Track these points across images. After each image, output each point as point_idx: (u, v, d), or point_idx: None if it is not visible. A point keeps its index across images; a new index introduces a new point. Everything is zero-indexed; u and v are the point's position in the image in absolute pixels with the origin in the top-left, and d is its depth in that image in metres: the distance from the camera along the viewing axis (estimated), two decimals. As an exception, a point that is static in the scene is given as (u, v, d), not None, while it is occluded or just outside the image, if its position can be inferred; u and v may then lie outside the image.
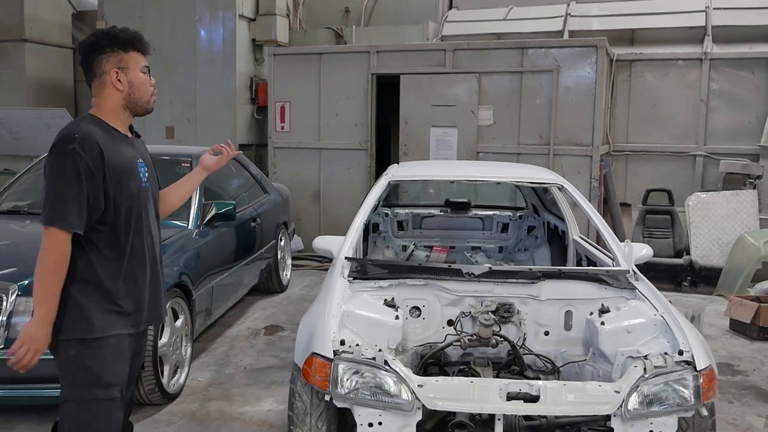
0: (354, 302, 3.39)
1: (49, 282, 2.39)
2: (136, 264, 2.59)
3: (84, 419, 2.50)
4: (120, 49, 2.56)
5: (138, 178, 2.61)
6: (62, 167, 2.39)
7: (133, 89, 2.59)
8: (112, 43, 2.55)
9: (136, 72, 2.59)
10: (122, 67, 2.56)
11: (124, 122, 2.64)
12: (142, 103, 2.62)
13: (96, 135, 2.46)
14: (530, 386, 2.85)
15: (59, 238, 2.39)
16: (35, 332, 2.40)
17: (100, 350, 2.48)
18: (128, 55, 2.58)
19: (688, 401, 2.83)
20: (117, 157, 2.50)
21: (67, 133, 2.44)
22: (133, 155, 2.62)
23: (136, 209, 2.59)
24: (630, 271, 3.76)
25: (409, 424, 2.83)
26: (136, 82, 2.59)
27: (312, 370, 2.95)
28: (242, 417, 4.23)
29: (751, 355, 5.53)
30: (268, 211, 6.72)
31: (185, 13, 9.86)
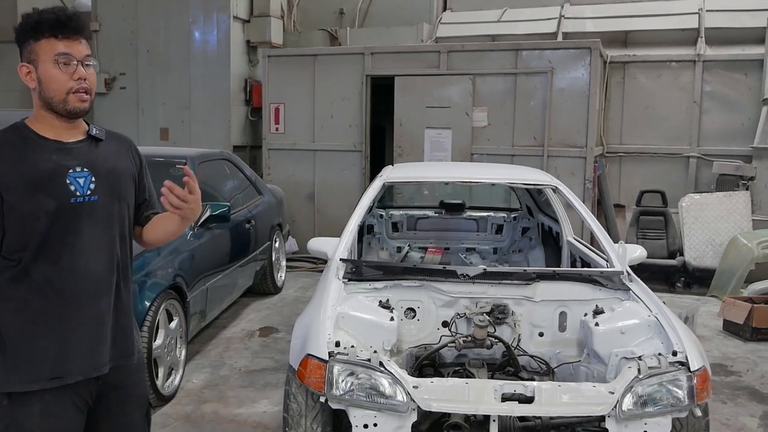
0: (349, 304, 3.39)
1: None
2: (52, 300, 2.08)
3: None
4: (31, 37, 2.07)
5: (63, 192, 2.09)
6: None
7: (42, 86, 2.09)
8: (23, 29, 2.08)
9: (46, 64, 2.07)
10: (32, 60, 2.08)
11: (55, 126, 2.14)
12: (58, 101, 2.09)
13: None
14: (525, 387, 2.86)
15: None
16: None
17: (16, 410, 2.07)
18: (38, 43, 2.06)
19: (682, 402, 2.85)
20: (19, 170, 2.05)
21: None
22: (62, 165, 2.11)
23: (55, 231, 2.08)
24: (624, 273, 3.77)
25: (404, 425, 2.83)
26: (45, 77, 2.07)
27: (307, 372, 2.95)
28: (237, 419, 4.22)
29: (745, 355, 5.55)
30: (262, 213, 6.72)
31: (179, 14, 9.85)
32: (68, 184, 2.10)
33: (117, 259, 2.23)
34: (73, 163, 2.14)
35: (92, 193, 2.15)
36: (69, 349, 2.11)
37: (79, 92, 2.10)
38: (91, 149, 2.21)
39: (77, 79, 2.09)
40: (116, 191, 2.23)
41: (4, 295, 2.07)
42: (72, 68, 2.08)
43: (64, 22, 2.06)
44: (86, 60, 2.12)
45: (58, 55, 2.07)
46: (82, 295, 2.13)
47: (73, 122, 2.17)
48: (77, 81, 2.09)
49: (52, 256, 2.08)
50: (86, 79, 2.11)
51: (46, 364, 2.08)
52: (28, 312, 2.07)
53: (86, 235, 2.13)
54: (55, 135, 2.14)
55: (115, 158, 2.27)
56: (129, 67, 10.28)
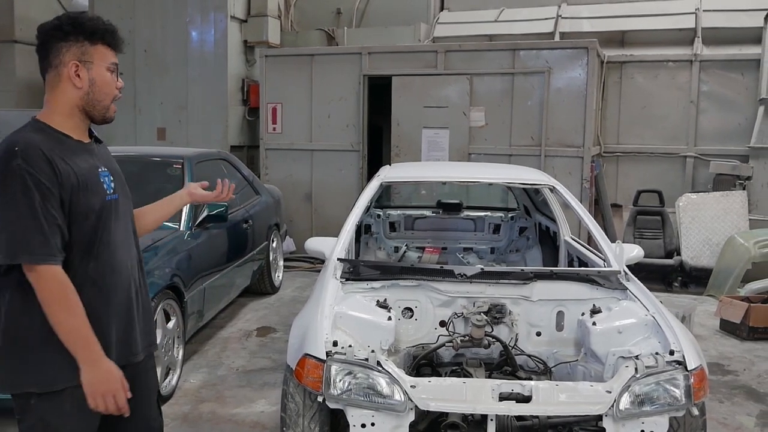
0: (346, 303, 3.39)
1: (67, 323, 2.04)
2: (96, 295, 2.14)
3: None
4: (86, 39, 2.13)
5: (101, 190, 2.18)
6: (9, 190, 1.99)
7: (93, 89, 2.15)
8: (77, 30, 2.12)
9: (101, 69, 2.15)
10: (85, 61, 2.13)
11: (79, 127, 2.20)
12: (101, 107, 2.18)
13: (39, 145, 2.04)
14: (522, 387, 2.86)
15: (42, 274, 2.01)
16: (90, 378, 2.08)
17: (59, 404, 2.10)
18: (95, 47, 2.14)
19: (679, 401, 2.85)
20: (69, 170, 2.08)
21: (6, 148, 2.02)
22: (93, 164, 2.19)
23: (98, 229, 2.16)
24: (621, 272, 3.77)
25: (402, 424, 2.83)
26: (99, 81, 2.15)
27: (305, 372, 2.95)
28: (234, 418, 4.22)
29: (741, 355, 5.57)
30: (260, 213, 6.72)
31: (176, 14, 9.84)
32: (102, 182, 2.20)
33: (137, 252, 2.36)
34: (98, 162, 2.23)
35: (114, 192, 2.25)
36: (110, 341, 2.17)
37: (115, 100, 2.23)
38: (99, 150, 2.29)
39: (119, 89, 2.23)
40: (125, 189, 2.34)
41: None
42: (116, 79, 2.22)
43: (116, 35, 2.20)
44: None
45: (111, 64, 2.19)
46: (118, 288, 2.22)
47: (84, 125, 2.23)
48: (119, 90, 2.24)
49: (94, 253, 2.14)
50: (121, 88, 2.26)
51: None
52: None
53: (116, 231, 2.22)
54: (77, 135, 2.20)
55: (111, 158, 2.36)
56: (126, 67, 10.25)
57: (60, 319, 2.03)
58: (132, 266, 2.30)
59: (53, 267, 2.02)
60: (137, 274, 2.34)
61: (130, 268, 2.29)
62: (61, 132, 2.14)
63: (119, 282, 2.22)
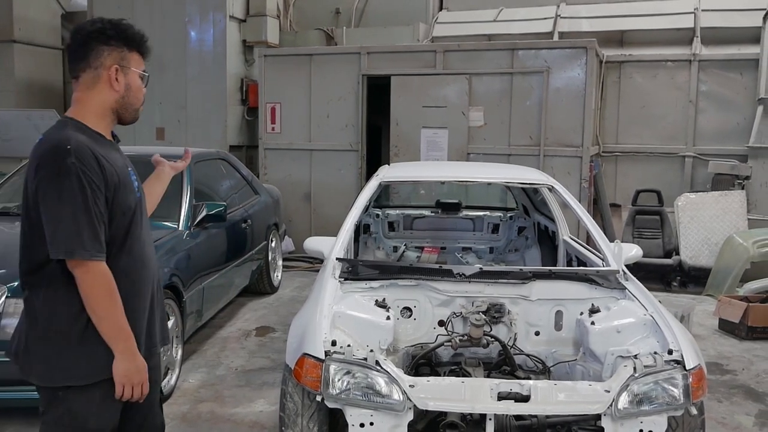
0: (345, 303, 3.39)
1: (112, 317, 2.14)
2: (129, 288, 2.23)
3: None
4: (125, 45, 2.25)
5: (133, 188, 2.30)
6: (65, 187, 2.05)
7: (129, 93, 2.28)
8: (119, 36, 2.23)
9: (135, 75, 2.29)
10: (123, 66, 2.25)
11: (109, 127, 2.31)
12: (133, 110, 2.32)
13: (89, 145, 2.13)
14: (521, 386, 2.86)
15: (91, 269, 2.09)
16: (125, 369, 2.17)
17: (87, 395, 2.18)
18: (132, 54, 2.28)
19: (678, 400, 2.85)
20: (112, 169, 2.18)
21: (56, 146, 2.09)
22: (124, 163, 2.31)
23: (131, 226, 2.27)
24: (620, 271, 3.77)
25: (401, 424, 2.83)
26: (133, 86, 2.29)
27: (303, 371, 2.94)
28: (233, 418, 4.22)
29: (740, 354, 5.57)
30: (258, 213, 6.72)
31: (175, 13, 9.83)
32: (132, 181, 2.32)
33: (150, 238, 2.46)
34: (127, 161, 2.36)
35: (138, 189, 2.37)
36: (140, 333, 2.28)
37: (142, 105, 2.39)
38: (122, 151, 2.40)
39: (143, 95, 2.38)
40: (141, 187, 2.44)
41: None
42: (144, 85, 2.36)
43: (146, 43, 2.34)
44: None
45: (142, 71, 2.34)
46: (145, 281, 2.34)
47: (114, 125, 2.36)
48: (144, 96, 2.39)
49: (127, 248, 2.25)
50: None
51: None
52: None
53: (144, 227, 2.36)
54: (107, 135, 2.31)
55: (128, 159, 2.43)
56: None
57: (104, 314, 2.13)
58: (155, 262, 2.44)
59: (101, 263, 2.12)
60: (155, 266, 2.44)
61: (154, 263, 2.42)
62: (96, 131, 2.24)
63: (148, 275, 2.35)
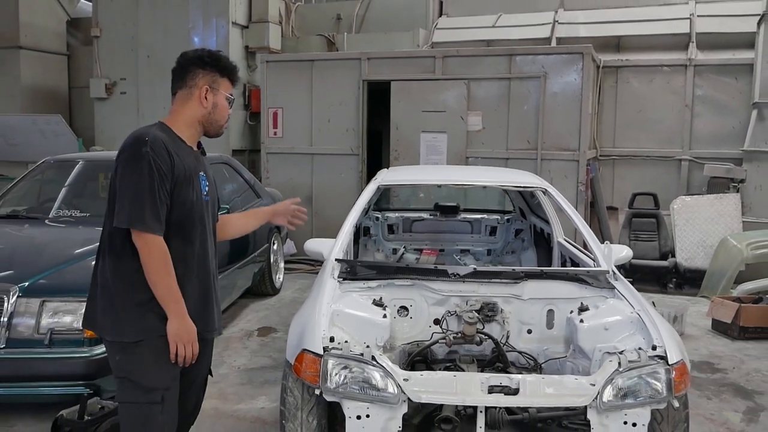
0: (343, 301, 3.52)
1: (164, 282, 2.50)
2: (183, 272, 2.58)
3: (130, 420, 2.59)
4: (218, 71, 2.68)
5: (198, 188, 2.67)
6: (136, 169, 2.46)
7: (215, 110, 2.69)
8: (214, 63, 2.67)
9: (222, 97, 2.70)
10: (213, 88, 2.67)
11: (194, 136, 2.72)
12: (217, 126, 2.73)
13: (163, 140, 2.54)
14: (510, 380, 2.99)
15: (149, 241, 2.46)
16: (176, 329, 2.53)
17: (138, 355, 2.53)
18: (222, 79, 2.70)
19: (661, 393, 2.97)
20: (181, 165, 2.56)
21: (137, 137, 2.53)
22: (196, 167, 2.69)
23: (191, 218, 2.63)
24: (609, 272, 3.88)
25: (396, 416, 2.96)
26: (220, 106, 2.70)
27: (303, 366, 3.07)
28: (236, 414, 4.36)
29: (732, 353, 5.68)
30: (261, 215, 6.83)
31: (179, 20, 10.00)
32: (200, 183, 2.71)
33: (216, 247, 2.83)
34: (200, 167, 2.74)
35: (207, 194, 2.76)
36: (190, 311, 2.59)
37: (227, 123, 2.80)
38: (202, 159, 2.81)
39: (228, 115, 2.79)
40: (215, 195, 2.86)
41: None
42: (229, 108, 2.77)
43: (237, 73, 2.77)
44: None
45: (230, 95, 2.75)
46: (202, 271, 2.69)
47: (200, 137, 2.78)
48: (228, 116, 2.79)
49: (186, 236, 2.62)
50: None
51: None
52: None
53: (208, 226, 2.73)
54: (190, 143, 2.72)
55: (209, 169, 2.86)
56: (129, 72, 10.43)
57: (158, 280, 2.49)
58: (212, 258, 2.78)
59: (158, 237, 2.48)
60: (215, 265, 2.82)
61: (212, 258, 2.77)
62: (178, 136, 2.65)
63: (204, 267, 2.71)
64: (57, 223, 5.26)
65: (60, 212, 5.40)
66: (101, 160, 6.32)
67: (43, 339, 3.81)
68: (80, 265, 4.25)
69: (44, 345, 3.81)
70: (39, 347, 3.81)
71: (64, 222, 5.27)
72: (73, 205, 5.54)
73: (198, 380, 2.87)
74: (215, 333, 2.82)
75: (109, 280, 2.57)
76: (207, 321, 2.72)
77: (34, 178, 5.95)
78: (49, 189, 5.88)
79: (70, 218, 5.31)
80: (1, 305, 3.84)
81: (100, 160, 6.28)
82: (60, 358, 3.82)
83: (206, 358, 2.86)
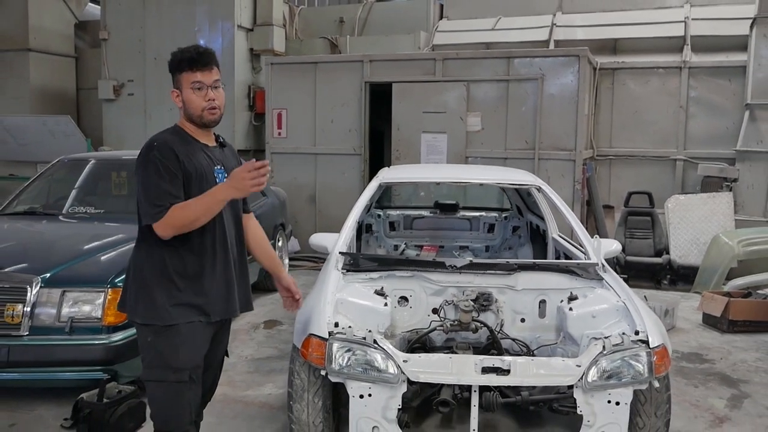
0: (347, 291, 3.74)
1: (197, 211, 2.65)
2: (205, 259, 2.78)
3: (159, 398, 2.78)
4: (176, 70, 2.79)
5: (212, 181, 2.78)
6: (147, 171, 2.67)
7: (187, 106, 2.80)
8: (170, 67, 2.81)
9: (187, 90, 2.78)
10: (178, 87, 2.81)
11: (200, 131, 2.85)
12: (195, 117, 2.81)
13: (171, 143, 2.73)
14: (502, 361, 3.21)
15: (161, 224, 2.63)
16: (228, 187, 2.66)
17: (171, 338, 2.73)
18: (181, 76, 2.78)
19: (642, 375, 3.19)
20: (191, 164, 2.73)
21: (148, 143, 2.75)
22: (210, 163, 2.83)
23: None
24: (599, 264, 4.09)
25: (396, 395, 3.19)
26: (188, 99, 2.79)
27: (309, 350, 3.30)
28: (245, 400, 4.58)
29: (720, 345, 5.90)
30: (266, 213, 7.05)
31: (185, 23, 10.22)
32: (215, 177, 2.83)
33: (239, 234, 3.00)
34: (216, 162, 2.88)
35: None
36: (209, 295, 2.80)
37: (211, 109, 2.80)
38: (221, 152, 2.95)
39: (208, 100, 2.78)
40: None
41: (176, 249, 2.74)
42: (204, 92, 2.78)
43: (196, 58, 2.76)
44: (215, 84, 2.81)
45: (194, 83, 2.77)
46: (222, 257, 2.84)
47: (208, 130, 2.90)
48: (208, 102, 2.79)
49: (205, 228, 2.75)
50: (215, 99, 2.81)
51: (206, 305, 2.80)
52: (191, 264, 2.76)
53: (224, 215, 2.84)
54: (203, 139, 2.88)
55: (231, 160, 2.99)
56: (137, 74, 10.66)
57: (195, 216, 2.65)
58: (233, 244, 2.93)
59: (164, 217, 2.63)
60: (238, 252, 2.97)
61: (232, 246, 2.92)
62: (190, 135, 2.83)
63: (225, 255, 2.85)
64: (73, 219, 5.51)
65: (75, 209, 5.66)
66: (113, 159, 6.57)
67: (64, 327, 4.04)
68: (97, 258, 4.50)
69: (65, 332, 4.04)
70: (60, 334, 4.04)
71: (79, 218, 5.52)
72: (88, 202, 5.79)
73: (216, 360, 3.07)
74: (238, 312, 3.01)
75: (142, 268, 2.78)
76: (228, 304, 2.91)
77: (49, 177, 6.18)
78: (63, 187, 6.12)
79: (85, 215, 5.56)
80: (25, 295, 4.07)
81: (112, 160, 6.52)
82: (80, 344, 4.05)
83: (224, 339, 3.08)
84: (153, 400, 2.82)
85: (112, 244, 4.71)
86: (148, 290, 2.75)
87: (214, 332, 2.92)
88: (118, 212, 5.69)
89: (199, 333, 2.81)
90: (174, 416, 2.79)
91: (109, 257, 4.50)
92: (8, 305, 4.05)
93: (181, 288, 2.75)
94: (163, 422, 2.81)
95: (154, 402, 2.82)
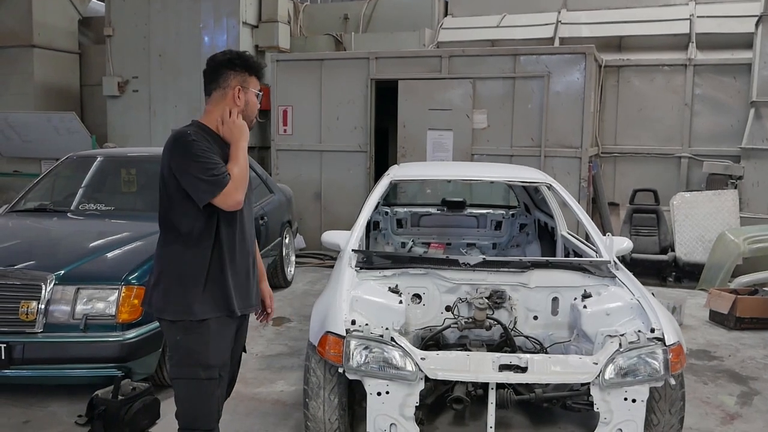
0: (362, 289, 3.76)
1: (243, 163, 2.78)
2: (229, 254, 2.82)
3: (188, 395, 2.80)
4: (247, 71, 2.88)
5: None
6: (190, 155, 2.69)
7: (247, 107, 2.90)
8: (243, 64, 2.87)
9: (252, 94, 2.91)
10: (244, 87, 2.87)
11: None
12: (248, 120, 2.91)
13: (201, 134, 2.80)
14: (519, 359, 3.23)
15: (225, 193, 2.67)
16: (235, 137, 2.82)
17: (201, 335, 2.76)
18: (251, 78, 2.90)
19: (658, 372, 3.21)
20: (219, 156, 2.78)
21: (180, 134, 2.78)
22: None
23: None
24: (611, 262, 4.12)
25: (413, 392, 3.21)
26: (251, 103, 2.91)
27: (326, 347, 3.32)
28: (257, 397, 4.59)
29: (728, 342, 5.92)
30: (273, 210, 7.07)
31: (190, 20, 10.23)
32: None
33: (253, 231, 3.06)
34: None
35: None
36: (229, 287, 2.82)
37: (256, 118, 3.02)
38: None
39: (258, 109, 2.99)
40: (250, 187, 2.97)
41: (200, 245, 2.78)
42: (257, 102, 2.97)
43: (263, 70, 2.98)
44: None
45: (257, 91, 2.95)
46: (241, 252, 2.89)
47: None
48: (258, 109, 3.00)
49: (230, 222, 2.83)
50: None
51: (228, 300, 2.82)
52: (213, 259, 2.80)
53: (248, 213, 2.96)
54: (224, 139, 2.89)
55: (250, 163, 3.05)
56: (141, 70, 10.67)
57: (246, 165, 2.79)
58: (252, 243, 3.02)
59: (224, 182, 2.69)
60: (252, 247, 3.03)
61: (251, 243, 3.01)
62: (212, 131, 2.87)
63: (244, 248, 2.92)
64: (83, 216, 5.52)
65: (85, 206, 5.67)
66: (122, 156, 6.57)
67: (79, 324, 4.04)
68: (110, 255, 4.50)
69: (79, 330, 4.04)
70: (74, 332, 4.05)
71: (89, 215, 5.52)
72: (97, 199, 5.78)
73: (236, 356, 3.11)
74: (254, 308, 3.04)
75: (169, 267, 2.81)
76: (248, 298, 2.95)
77: (58, 174, 6.18)
78: (72, 184, 6.12)
79: (95, 212, 5.56)
80: (39, 292, 4.07)
81: (120, 157, 6.52)
82: (94, 342, 4.05)
83: (243, 335, 3.10)
84: (181, 398, 2.83)
85: (124, 241, 4.72)
86: (177, 287, 2.78)
87: (237, 328, 2.95)
88: (127, 209, 5.73)
89: (226, 329, 2.85)
90: (203, 414, 2.82)
91: (122, 254, 4.51)
92: (23, 302, 4.05)
93: (207, 284, 2.78)
94: (191, 420, 2.83)
95: (182, 400, 2.83)
